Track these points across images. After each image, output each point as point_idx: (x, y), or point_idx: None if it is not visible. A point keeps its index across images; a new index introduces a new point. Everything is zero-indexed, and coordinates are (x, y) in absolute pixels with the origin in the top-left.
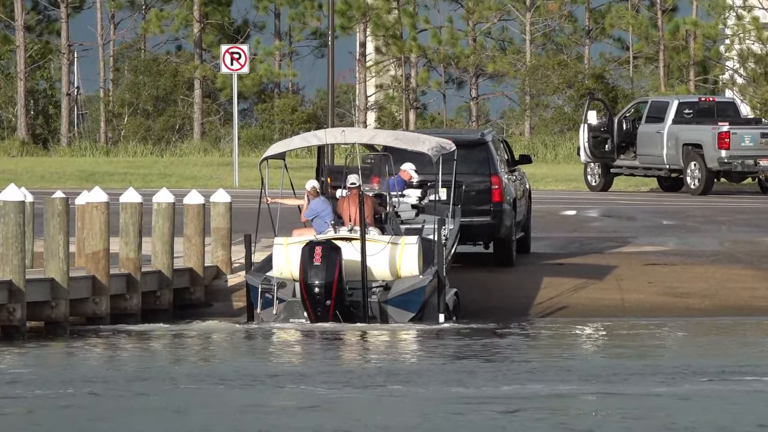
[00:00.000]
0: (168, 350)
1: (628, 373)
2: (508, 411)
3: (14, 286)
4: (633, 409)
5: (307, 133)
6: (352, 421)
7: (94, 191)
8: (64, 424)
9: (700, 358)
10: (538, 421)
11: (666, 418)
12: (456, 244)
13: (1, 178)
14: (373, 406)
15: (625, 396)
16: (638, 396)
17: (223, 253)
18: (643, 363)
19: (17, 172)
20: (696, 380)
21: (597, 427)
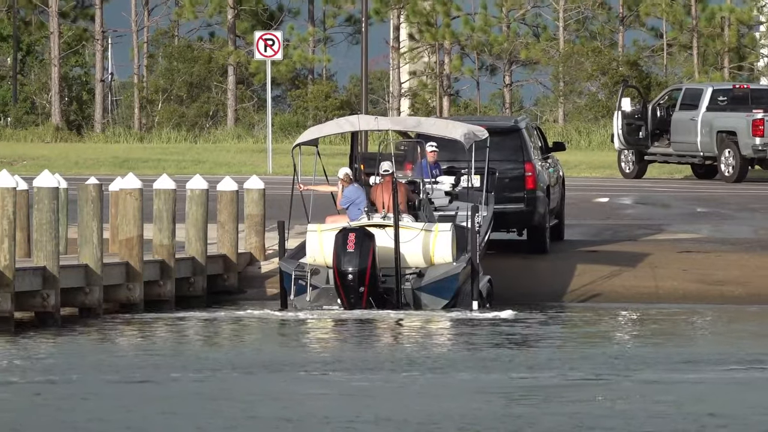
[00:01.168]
0: (201, 338)
1: (662, 360)
2: (541, 399)
3: (48, 273)
4: (665, 395)
5: (340, 119)
6: (387, 409)
7: (127, 177)
8: (96, 410)
9: (734, 346)
10: (571, 408)
11: (700, 405)
12: (489, 231)
13: (36, 165)
14: (408, 394)
15: (659, 383)
16: (672, 383)
17: (257, 240)
18: (677, 350)
19: (51, 158)
20: (730, 368)
21: (629, 414)
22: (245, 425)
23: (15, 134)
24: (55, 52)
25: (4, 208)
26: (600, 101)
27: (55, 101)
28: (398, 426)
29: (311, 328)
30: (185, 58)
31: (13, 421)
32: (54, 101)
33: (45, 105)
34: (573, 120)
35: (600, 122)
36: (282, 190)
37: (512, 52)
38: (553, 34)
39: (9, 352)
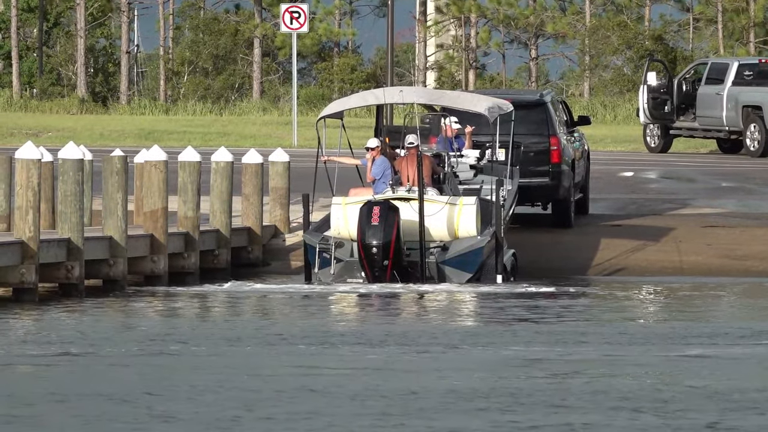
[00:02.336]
0: (225, 311)
1: (686, 335)
2: (564, 373)
3: (73, 244)
4: (688, 369)
5: (365, 91)
6: (411, 383)
7: (152, 150)
8: (119, 383)
9: (758, 320)
10: (595, 383)
11: (723, 379)
12: (514, 205)
13: (61, 136)
14: (432, 368)
15: (682, 358)
16: (695, 357)
17: (281, 213)
18: (701, 324)
19: (76, 129)
20: (754, 342)
21: (654, 390)
22: (269, 398)
23: (40, 106)
24: (80, 24)
25: (29, 179)
26: (626, 75)
27: (80, 73)
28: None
29: (335, 302)
30: (211, 30)
31: (35, 393)
32: (79, 73)
33: (70, 77)
34: (598, 94)
35: (625, 96)
36: (307, 163)
37: (539, 26)
38: (580, 7)
39: (32, 324)
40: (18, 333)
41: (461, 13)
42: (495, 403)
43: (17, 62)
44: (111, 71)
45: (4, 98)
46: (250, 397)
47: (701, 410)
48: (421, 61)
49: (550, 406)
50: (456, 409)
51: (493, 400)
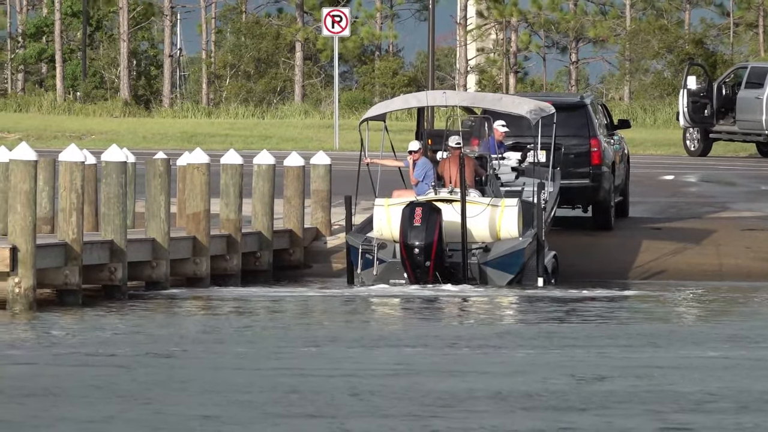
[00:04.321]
0: (268, 312)
1: (725, 338)
2: (603, 376)
3: (116, 246)
4: (726, 371)
5: (408, 94)
6: (457, 384)
7: (195, 152)
8: (155, 382)
9: None
10: (634, 386)
11: (758, 380)
12: (555, 207)
13: (104, 139)
14: (474, 370)
15: (722, 359)
16: (735, 358)
17: (323, 215)
18: (739, 327)
19: (119, 132)
20: None
21: (694, 393)
22: (312, 399)
23: (84, 109)
24: (123, 28)
25: (73, 182)
26: (666, 79)
27: (123, 76)
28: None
29: (377, 303)
30: (253, 34)
31: (73, 393)
32: (123, 76)
33: (114, 80)
34: (638, 98)
35: (665, 100)
36: (348, 166)
37: (579, 30)
38: (621, 12)
39: (75, 325)
40: (67, 334)
41: (502, 17)
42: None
43: (61, 65)
44: (154, 74)
45: (48, 101)
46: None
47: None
48: (462, 65)
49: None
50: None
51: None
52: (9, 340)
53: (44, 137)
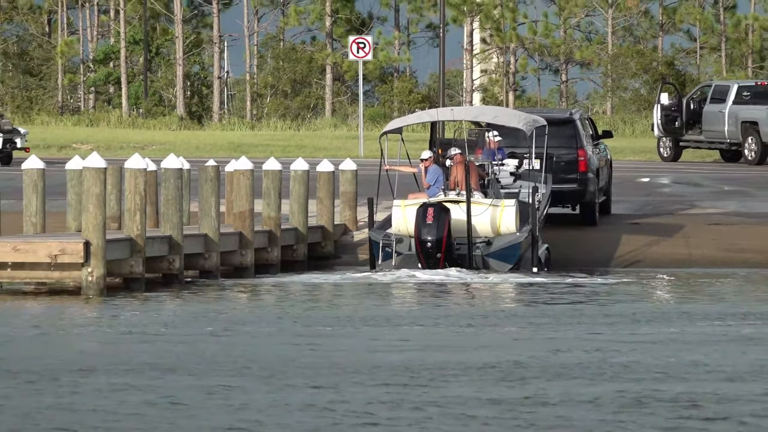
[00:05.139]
0: (303, 296)
1: (695, 316)
2: (594, 350)
3: (173, 240)
4: (697, 345)
5: (421, 111)
6: (464, 356)
7: (241, 160)
8: (218, 354)
9: (756, 303)
10: (613, 357)
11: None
12: (548, 207)
13: (163, 149)
14: (478, 345)
15: (693, 334)
16: (704, 333)
17: (350, 213)
18: (706, 307)
19: (176, 143)
20: (751, 323)
21: (667, 363)
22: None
23: (146, 123)
24: (179, 54)
25: (137, 185)
26: (642, 96)
27: (179, 95)
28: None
29: (396, 288)
30: (290, 58)
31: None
32: (178, 95)
33: (171, 98)
34: (619, 111)
35: (642, 113)
36: (371, 171)
37: (568, 54)
38: (603, 38)
39: (140, 308)
40: (132, 316)
41: (503, 43)
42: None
43: (126, 86)
44: (205, 93)
45: (116, 117)
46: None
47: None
48: (468, 84)
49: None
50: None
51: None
52: (83, 321)
53: (112, 148)
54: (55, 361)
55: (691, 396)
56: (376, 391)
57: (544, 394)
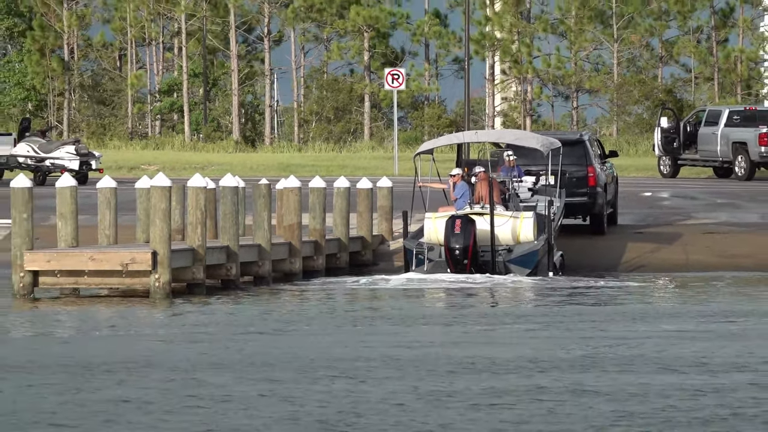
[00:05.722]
0: (345, 297)
1: (692, 314)
2: (595, 344)
3: (231, 250)
4: (694, 340)
5: (450, 134)
6: (491, 353)
7: (289, 179)
8: (274, 349)
9: (745, 302)
10: (620, 351)
11: (720, 346)
12: (561, 218)
13: (221, 169)
14: (504, 341)
15: (691, 330)
16: (701, 330)
17: (386, 225)
18: (703, 306)
19: (232, 164)
20: (742, 321)
21: (665, 356)
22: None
23: (205, 146)
24: (234, 85)
25: (198, 201)
26: (644, 120)
27: (235, 122)
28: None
29: (428, 291)
30: (332, 88)
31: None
32: (234, 122)
33: (227, 125)
34: (624, 134)
35: (644, 135)
36: (405, 188)
37: (578, 83)
38: (610, 69)
39: (202, 310)
40: (196, 317)
41: (520, 74)
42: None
43: (188, 114)
44: (257, 120)
45: (179, 141)
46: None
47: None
48: (490, 111)
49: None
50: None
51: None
52: (151, 321)
53: (176, 168)
54: (126, 357)
55: (687, 383)
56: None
57: (570, 382)
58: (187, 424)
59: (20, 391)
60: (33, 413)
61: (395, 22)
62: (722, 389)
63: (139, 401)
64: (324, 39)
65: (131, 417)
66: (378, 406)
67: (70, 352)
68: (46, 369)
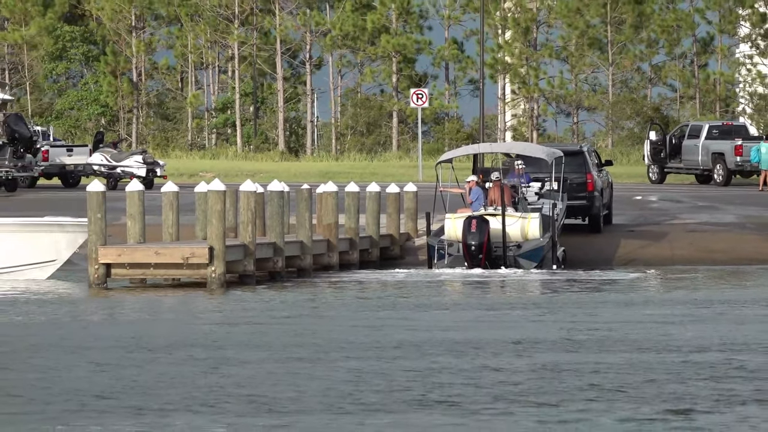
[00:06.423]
0: (376, 286)
1: (678, 301)
2: (593, 328)
3: (277, 246)
4: (679, 324)
5: (467, 145)
6: (501, 334)
7: (328, 184)
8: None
9: (722, 291)
10: (616, 334)
11: (704, 329)
12: (563, 218)
13: (268, 176)
14: (512, 325)
15: (678, 315)
16: (686, 315)
17: (412, 224)
18: (687, 294)
19: (278, 171)
20: (719, 306)
21: (658, 338)
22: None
23: (255, 156)
24: (280, 103)
25: (248, 204)
26: (635, 133)
27: (280, 135)
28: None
29: (448, 282)
30: (365, 106)
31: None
32: (280, 135)
33: (274, 137)
34: (618, 145)
35: (635, 147)
36: (428, 192)
37: (578, 101)
38: (605, 89)
39: (253, 297)
40: (248, 304)
41: (529, 93)
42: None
43: (240, 128)
44: (300, 133)
45: (232, 152)
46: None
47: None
48: (502, 125)
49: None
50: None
51: (547, 345)
52: (209, 308)
53: (230, 175)
54: (187, 339)
55: (670, 359)
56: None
57: (574, 361)
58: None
59: (92, 367)
60: (102, 387)
61: (419, 48)
62: (700, 364)
63: (193, 376)
64: (358, 63)
65: (186, 390)
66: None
67: (137, 333)
68: (119, 348)
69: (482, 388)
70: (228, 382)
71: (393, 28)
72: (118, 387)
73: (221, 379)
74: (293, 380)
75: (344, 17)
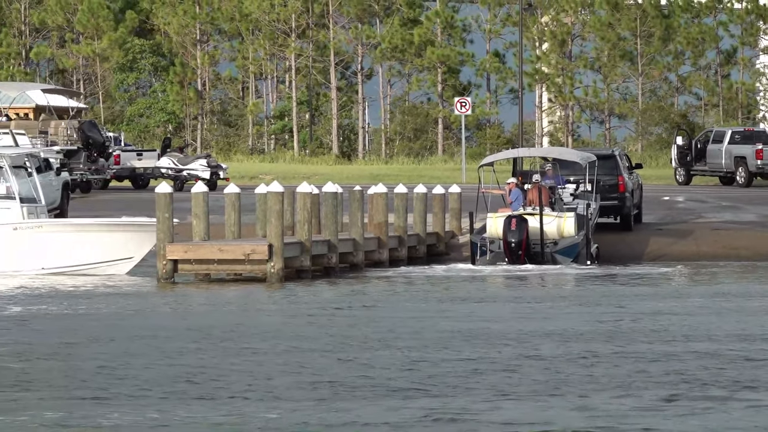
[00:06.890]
0: (424, 280)
1: (704, 293)
2: (622, 318)
3: (331, 243)
4: (704, 316)
5: (507, 150)
6: (538, 326)
7: (378, 186)
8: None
9: (745, 285)
10: (644, 324)
11: (724, 320)
12: (596, 217)
13: (323, 178)
14: (548, 318)
15: (702, 307)
16: (711, 306)
17: (456, 223)
18: (712, 287)
19: (332, 174)
20: (741, 299)
21: (682, 327)
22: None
23: (311, 160)
24: (334, 111)
25: (305, 204)
26: (663, 138)
27: (334, 140)
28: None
29: (489, 276)
30: (412, 113)
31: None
32: (334, 140)
33: (328, 143)
34: (647, 150)
35: (663, 151)
36: (471, 193)
37: (610, 109)
38: (635, 98)
39: (309, 291)
40: (305, 296)
41: (564, 101)
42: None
43: (296, 134)
44: (352, 139)
45: (289, 156)
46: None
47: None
48: (539, 131)
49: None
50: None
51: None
52: (269, 300)
53: (287, 177)
54: (247, 329)
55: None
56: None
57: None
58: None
59: (160, 353)
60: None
61: (463, 59)
62: (720, 353)
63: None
64: (405, 74)
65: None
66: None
67: (204, 323)
68: (184, 337)
69: (524, 377)
70: (290, 370)
71: (438, 41)
72: (184, 375)
73: (286, 366)
74: (356, 368)
75: (393, 31)
